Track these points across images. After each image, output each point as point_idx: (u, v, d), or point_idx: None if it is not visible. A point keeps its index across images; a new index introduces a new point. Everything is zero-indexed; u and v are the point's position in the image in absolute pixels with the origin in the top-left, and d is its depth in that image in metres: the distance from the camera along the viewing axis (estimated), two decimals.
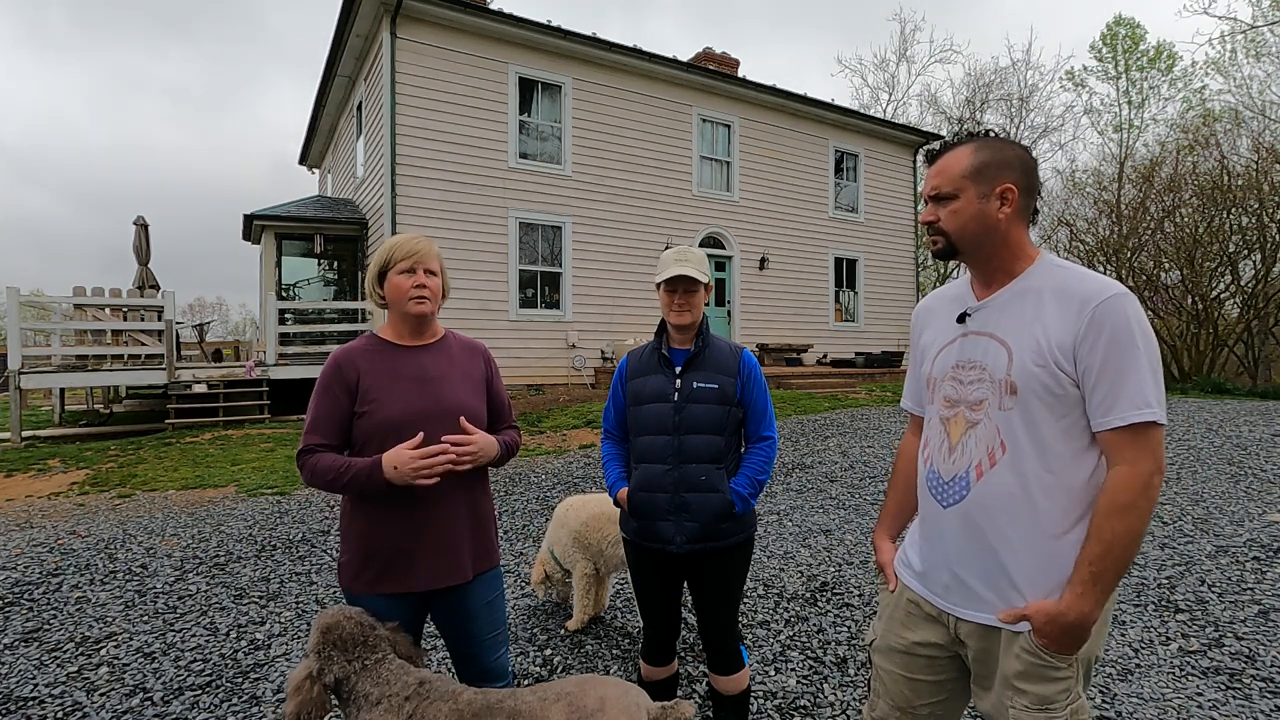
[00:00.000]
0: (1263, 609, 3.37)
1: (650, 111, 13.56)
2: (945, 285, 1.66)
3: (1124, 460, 1.27)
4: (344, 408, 1.78)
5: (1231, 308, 20.05)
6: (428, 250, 1.85)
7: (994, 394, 1.38)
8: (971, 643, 1.44)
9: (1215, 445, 7.17)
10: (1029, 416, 1.34)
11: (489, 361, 2.03)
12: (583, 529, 3.29)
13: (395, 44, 10.98)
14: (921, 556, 1.53)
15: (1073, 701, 1.32)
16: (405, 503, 1.76)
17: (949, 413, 1.47)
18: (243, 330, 49.90)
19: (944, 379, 1.49)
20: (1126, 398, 1.26)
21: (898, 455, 1.76)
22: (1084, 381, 1.30)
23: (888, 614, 1.61)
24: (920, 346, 1.62)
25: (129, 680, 2.93)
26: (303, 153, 18.89)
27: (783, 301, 15.42)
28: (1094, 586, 1.26)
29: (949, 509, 1.44)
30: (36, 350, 10.34)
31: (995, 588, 1.38)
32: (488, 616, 1.90)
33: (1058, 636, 1.28)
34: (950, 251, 1.46)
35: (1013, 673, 1.34)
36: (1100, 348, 1.27)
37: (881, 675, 1.60)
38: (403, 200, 11.10)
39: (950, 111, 28.06)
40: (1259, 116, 19.94)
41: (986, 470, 1.38)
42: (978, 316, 1.46)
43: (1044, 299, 1.36)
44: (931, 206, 1.45)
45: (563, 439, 8.23)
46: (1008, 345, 1.38)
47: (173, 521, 5.38)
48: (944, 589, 1.47)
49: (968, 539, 1.40)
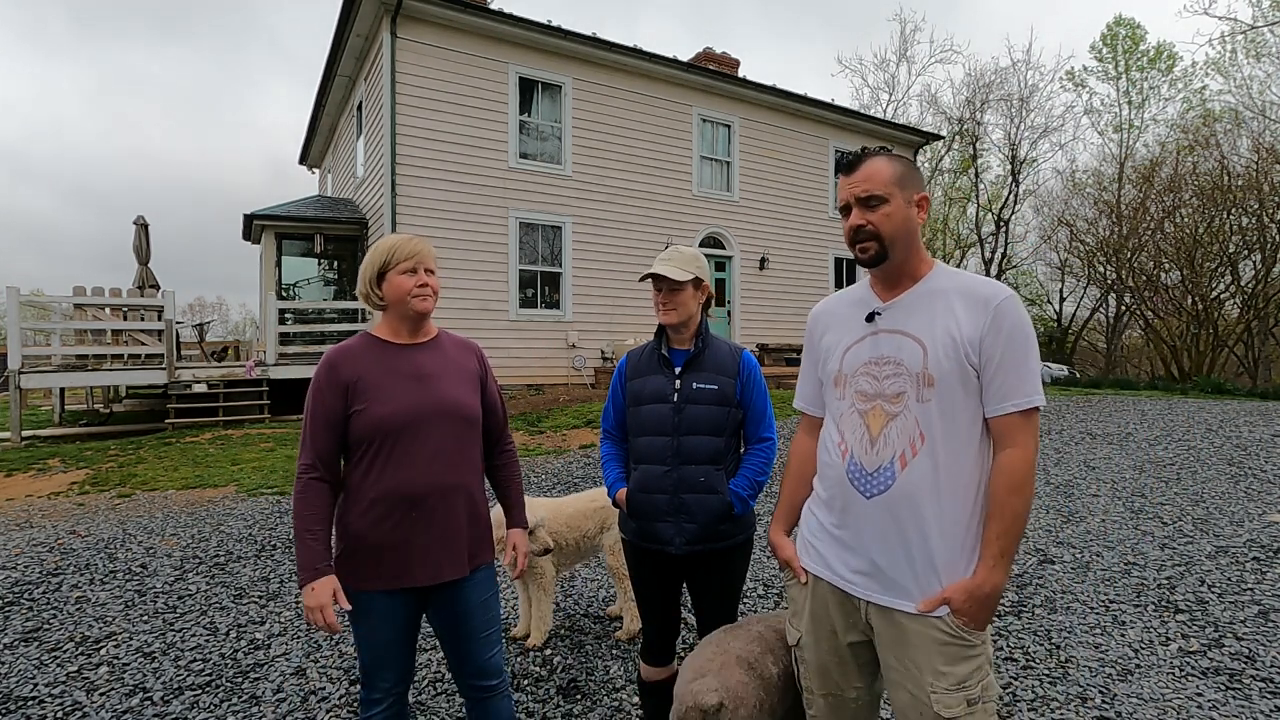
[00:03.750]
0: (1263, 609, 3.37)
1: (650, 111, 13.55)
2: (839, 291, 1.75)
3: (1015, 443, 1.40)
4: (338, 411, 1.78)
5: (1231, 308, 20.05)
6: (428, 250, 1.89)
7: (912, 387, 1.46)
8: (880, 628, 1.48)
9: (1215, 445, 7.17)
10: (945, 407, 1.43)
11: (483, 359, 2.05)
12: (563, 528, 3.24)
13: (395, 44, 10.98)
14: (836, 547, 1.56)
15: (984, 678, 1.41)
16: (407, 499, 1.78)
17: (866, 406, 1.52)
18: (243, 330, 49.89)
19: (856, 374, 1.55)
20: (1022, 386, 1.39)
21: (790, 455, 1.82)
22: (984, 371, 1.42)
23: (806, 609, 1.64)
24: (821, 347, 1.68)
25: (129, 680, 2.93)
26: (303, 152, 18.89)
27: (783, 301, 15.41)
28: (1003, 559, 1.38)
29: (873, 499, 1.48)
30: (36, 350, 10.35)
31: (915, 574, 1.44)
32: (483, 614, 1.91)
33: (975, 611, 1.39)
34: (881, 257, 1.50)
35: (932, 657, 1.40)
36: (1001, 341, 1.40)
37: (813, 670, 1.63)
38: (403, 200, 11.10)
39: (950, 112, 28.09)
40: (1259, 117, 19.95)
41: (910, 460, 1.44)
42: (887, 315, 1.53)
43: (951, 299, 1.47)
44: (859, 211, 1.50)
45: (563, 439, 8.23)
46: (921, 341, 1.46)
47: (173, 521, 5.38)
48: (862, 577, 1.51)
49: (892, 527, 1.46)
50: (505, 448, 2.10)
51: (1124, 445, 7.41)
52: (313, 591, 1.70)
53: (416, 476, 1.79)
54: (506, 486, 2.10)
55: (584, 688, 2.82)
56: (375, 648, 1.82)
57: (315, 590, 1.70)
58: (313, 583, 1.71)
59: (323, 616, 1.70)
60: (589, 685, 2.84)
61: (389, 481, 1.78)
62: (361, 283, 1.90)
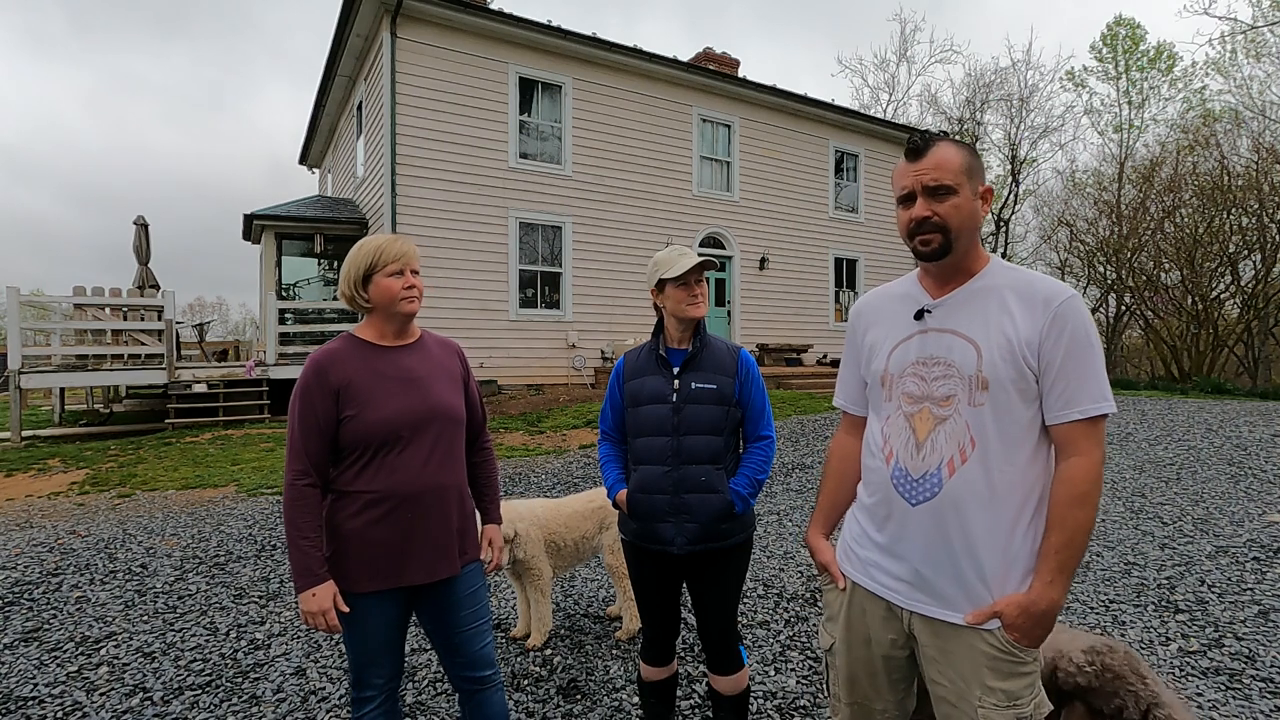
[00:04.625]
0: (1263, 609, 3.37)
1: (650, 111, 13.55)
2: (884, 285, 1.64)
3: (1080, 451, 1.31)
4: (327, 416, 1.76)
5: (1231, 308, 20.06)
6: (413, 251, 1.89)
7: (964, 390, 1.38)
8: (925, 639, 1.42)
9: (1215, 445, 7.17)
10: (999, 412, 1.35)
11: (463, 359, 2.07)
12: (562, 529, 3.24)
13: (395, 44, 10.98)
14: (879, 554, 1.50)
15: (1036, 695, 1.35)
16: (402, 500, 1.78)
17: (912, 409, 1.44)
18: (243, 330, 49.87)
19: (903, 375, 1.47)
20: (1087, 392, 1.31)
21: (830, 454, 1.73)
22: (1044, 376, 1.33)
23: (842, 615, 1.57)
24: (865, 343, 1.59)
25: (129, 680, 2.93)
26: (303, 152, 18.89)
27: (783, 301, 15.42)
28: (1061, 575, 1.29)
29: (919, 506, 1.41)
30: (36, 350, 10.34)
31: (963, 584, 1.37)
32: (471, 605, 1.92)
33: (1029, 628, 1.31)
34: (945, 250, 1.39)
35: (980, 671, 1.34)
36: (1063, 344, 1.31)
37: (842, 677, 1.58)
38: (403, 200, 11.10)
39: (950, 112, 28.03)
40: (1259, 117, 19.93)
41: (958, 466, 1.37)
42: (938, 313, 1.44)
43: (1006, 297, 1.38)
44: (926, 201, 1.38)
45: (563, 439, 8.23)
46: (975, 342, 1.38)
47: (173, 521, 5.38)
48: (906, 586, 1.44)
49: (937, 536, 1.39)
50: (483, 445, 2.12)
51: (1124, 445, 7.41)
52: (313, 597, 1.70)
53: (411, 479, 1.79)
54: (484, 484, 2.12)
55: (584, 688, 2.82)
56: (367, 648, 1.82)
57: (317, 596, 1.70)
58: (313, 588, 1.70)
59: (325, 621, 1.70)
60: (589, 685, 2.84)
61: (383, 484, 1.77)
62: (345, 285, 1.87)
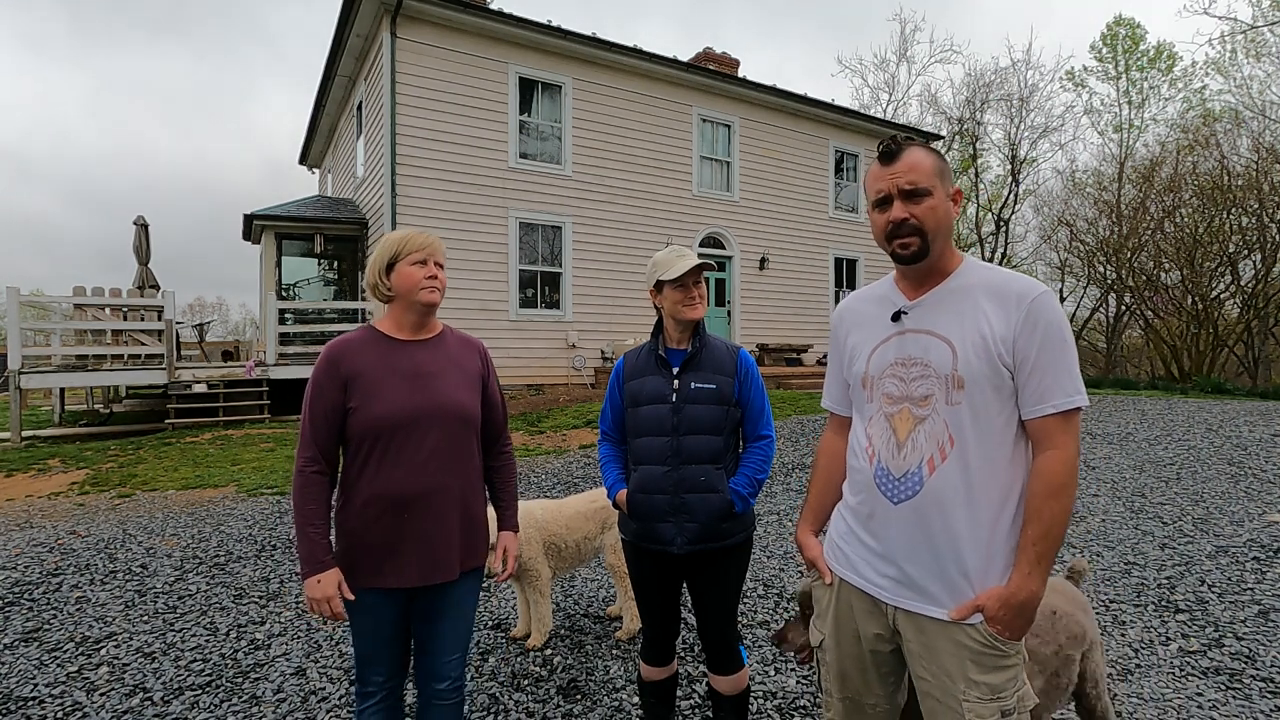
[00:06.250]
0: (1263, 609, 3.37)
1: (650, 111, 13.55)
2: (862, 288, 1.68)
3: (1055, 444, 1.34)
4: (337, 405, 1.79)
5: (1231, 308, 20.06)
6: (439, 244, 1.91)
7: (940, 389, 1.41)
8: (909, 635, 1.45)
9: (1215, 445, 7.17)
10: (976, 410, 1.38)
11: (486, 359, 2.04)
12: (563, 530, 3.24)
13: (395, 44, 10.98)
14: (864, 551, 1.52)
15: (1019, 689, 1.38)
16: (399, 499, 1.79)
17: (893, 409, 1.47)
18: (243, 330, 49.87)
19: (883, 376, 1.50)
20: (1060, 386, 1.34)
21: (818, 453, 1.77)
22: (1018, 372, 1.36)
23: (830, 611, 1.60)
24: (847, 347, 1.63)
25: (129, 680, 2.93)
26: (303, 153, 18.88)
27: (783, 301, 15.42)
28: (1039, 566, 1.33)
29: (901, 505, 1.44)
30: (36, 350, 10.34)
31: (945, 580, 1.39)
32: (455, 616, 1.91)
33: (1010, 620, 1.34)
34: (923, 253, 1.41)
35: (964, 665, 1.37)
36: (1036, 340, 1.35)
37: (833, 673, 1.61)
38: (403, 200, 11.11)
39: (950, 111, 28.07)
40: (1259, 116, 19.93)
41: (938, 465, 1.40)
42: (914, 314, 1.47)
43: (980, 296, 1.41)
44: (902, 204, 1.40)
45: (563, 439, 8.23)
46: (950, 341, 1.41)
47: (173, 521, 5.38)
48: (890, 583, 1.47)
49: (920, 533, 1.41)
50: (503, 449, 2.10)
51: (1124, 445, 7.41)
52: (318, 584, 1.71)
53: (408, 477, 1.79)
54: (501, 488, 2.10)
55: (584, 688, 2.82)
56: (368, 643, 1.83)
57: (321, 583, 1.71)
58: (318, 575, 1.72)
59: (329, 608, 1.71)
60: (589, 685, 2.84)
61: (382, 482, 1.78)
62: (370, 273, 1.89)
